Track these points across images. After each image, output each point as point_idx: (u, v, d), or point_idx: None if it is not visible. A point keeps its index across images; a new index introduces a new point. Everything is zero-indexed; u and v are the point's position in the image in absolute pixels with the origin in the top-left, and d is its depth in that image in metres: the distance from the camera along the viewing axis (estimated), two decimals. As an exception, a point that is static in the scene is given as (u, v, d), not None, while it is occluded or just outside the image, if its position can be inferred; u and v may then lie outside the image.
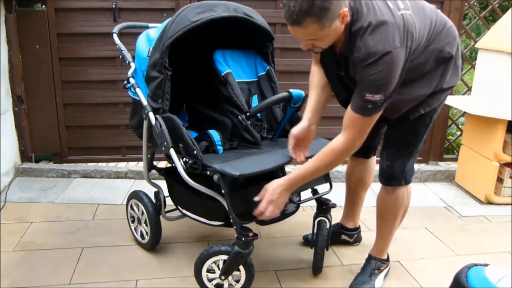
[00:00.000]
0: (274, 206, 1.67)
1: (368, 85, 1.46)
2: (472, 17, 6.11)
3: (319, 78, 1.84)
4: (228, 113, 2.00)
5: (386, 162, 1.82)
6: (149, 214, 2.08)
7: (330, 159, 1.62)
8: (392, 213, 1.89)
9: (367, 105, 1.48)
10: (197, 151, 1.71)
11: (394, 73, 1.45)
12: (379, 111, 1.52)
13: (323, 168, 1.66)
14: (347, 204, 2.25)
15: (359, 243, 2.32)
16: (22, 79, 3.04)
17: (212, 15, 1.83)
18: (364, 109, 1.50)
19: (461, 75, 1.77)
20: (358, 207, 2.24)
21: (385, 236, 1.96)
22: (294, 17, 1.39)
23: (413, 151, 1.80)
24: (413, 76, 1.60)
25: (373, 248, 2.01)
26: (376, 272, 1.96)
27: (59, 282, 1.94)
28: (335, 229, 2.26)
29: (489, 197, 2.87)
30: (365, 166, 2.12)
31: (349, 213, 2.25)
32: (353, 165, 2.14)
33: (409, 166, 1.81)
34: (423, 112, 1.70)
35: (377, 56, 1.42)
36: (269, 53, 2.16)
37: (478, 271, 1.33)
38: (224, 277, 1.76)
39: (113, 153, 3.28)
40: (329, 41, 1.51)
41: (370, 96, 1.46)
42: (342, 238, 2.29)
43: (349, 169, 2.17)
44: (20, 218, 2.52)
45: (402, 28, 1.44)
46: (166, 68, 1.79)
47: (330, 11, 1.38)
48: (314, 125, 1.84)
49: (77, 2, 2.97)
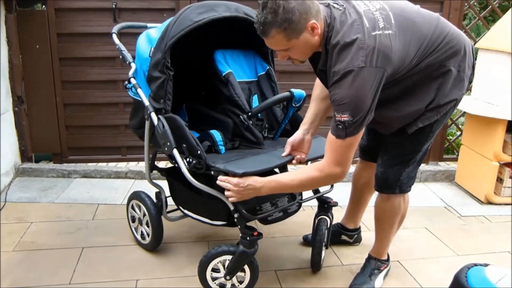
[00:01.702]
0: (236, 193, 1.62)
1: (335, 104, 1.45)
2: (472, 17, 6.11)
3: (320, 90, 1.83)
4: (229, 113, 2.00)
5: (380, 169, 1.80)
6: (151, 216, 2.08)
7: (307, 176, 1.59)
8: (388, 220, 1.88)
9: (337, 125, 1.47)
10: (201, 151, 1.71)
11: (359, 93, 1.42)
12: (352, 134, 1.47)
13: (298, 182, 1.60)
14: (351, 206, 2.24)
15: (359, 243, 2.32)
16: (22, 79, 3.04)
17: (214, 15, 1.84)
18: (336, 129, 1.48)
19: (468, 87, 1.70)
20: (361, 209, 2.23)
21: (383, 240, 1.95)
22: (261, 28, 1.46)
23: (410, 160, 1.74)
24: (403, 93, 1.59)
25: (372, 249, 2.01)
26: (375, 272, 1.96)
27: (59, 282, 1.94)
28: (335, 229, 2.26)
29: (489, 197, 2.88)
30: (373, 170, 2.10)
31: (352, 214, 2.25)
32: (361, 168, 2.12)
33: (405, 175, 1.76)
34: (421, 126, 1.65)
35: (339, 75, 1.42)
36: (268, 53, 2.17)
37: (478, 271, 1.33)
38: (229, 277, 1.77)
39: (113, 153, 3.28)
40: (302, 53, 1.52)
41: (339, 116, 1.45)
42: (342, 238, 2.28)
43: (357, 172, 2.15)
44: (20, 218, 2.52)
45: (371, 48, 1.41)
46: (168, 68, 1.79)
47: (294, 23, 1.41)
48: (309, 135, 1.83)
49: (77, 2, 2.97)
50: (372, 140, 1.98)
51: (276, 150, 1.90)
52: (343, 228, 2.28)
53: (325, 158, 1.55)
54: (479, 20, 3.43)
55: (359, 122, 1.46)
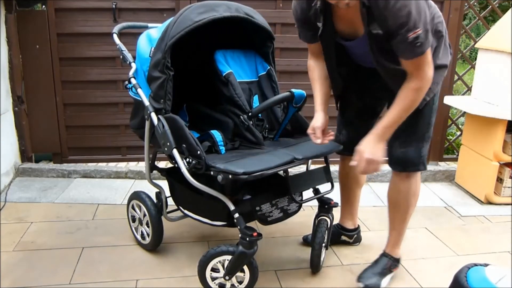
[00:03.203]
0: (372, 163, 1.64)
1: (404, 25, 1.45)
2: (472, 17, 6.12)
3: (319, 71, 1.87)
4: (229, 113, 2.00)
5: (400, 149, 1.83)
6: (152, 216, 2.07)
7: (412, 98, 1.61)
8: (406, 201, 1.90)
9: (415, 44, 1.48)
10: (200, 151, 1.71)
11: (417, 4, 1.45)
12: (428, 45, 1.52)
13: (407, 107, 1.63)
14: (344, 204, 2.25)
15: (359, 243, 2.32)
16: (22, 79, 3.04)
17: (214, 15, 1.83)
18: (414, 48, 1.50)
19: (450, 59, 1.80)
20: (355, 205, 2.25)
21: (398, 226, 1.96)
22: None
23: (425, 135, 1.83)
24: None
25: (387, 245, 2.01)
26: (386, 272, 1.96)
27: (59, 282, 1.94)
28: (335, 229, 2.26)
29: (489, 197, 2.88)
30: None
31: (348, 212, 2.25)
32: (345, 165, 2.12)
33: (424, 151, 1.84)
34: (428, 99, 1.75)
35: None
36: (269, 53, 2.17)
37: (478, 271, 1.33)
38: (228, 277, 1.77)
39: (113, 153, 3.28)
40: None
41: (412, 34, 1.46)
42: (342, 239, 2.29)
43: (343, 169, 2.16)
44: (20, 218, 2.52)
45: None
46: (168, 68, 1.79)
47: None
48: (327, 115, 1.85)
49: (77, 2, 2.97)
50: (354, 131, 2.00)
51: (277, 150, 1.90)
52: (343, 228, 2.28)
53: (413, 78, 1.58)
54: (479, 20, 3.43)
55: (428, 32, 1.50)
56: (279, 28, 3.10)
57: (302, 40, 1.86)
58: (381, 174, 3.20)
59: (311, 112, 1.86)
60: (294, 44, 3.08)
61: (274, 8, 3.08)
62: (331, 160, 2.06)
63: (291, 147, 1.94)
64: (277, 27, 3.09)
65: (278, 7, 3.08)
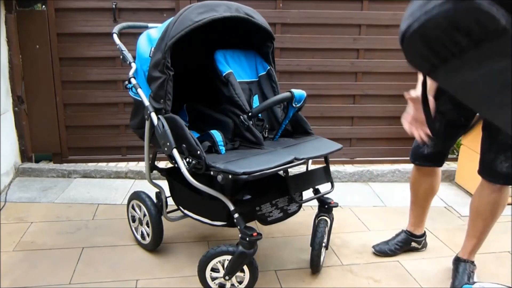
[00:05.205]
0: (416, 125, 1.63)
1: None
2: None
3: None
4: (229, 113, 2.00)
5: (506, 164, 1.78)
6: (152, 216, 2.08)
7: None
8: (494, 212, 1.88)
9: None
10: (200, 151, 1.71)
11: None
12: None
13: None
14: (415, 213, 2.21)
15: (425, 249, 2.30)
16: (22, 79, 3.04)
17: (214, 15, 1.83)
18: None
19: None
20: (427, 213, 2.22)
21: (481, 235, 1.93)
22: None
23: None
24: None
25: (463, 250, 1.98)
26: (472, 275, 1.93)
27: (59, 282, 1.94)
28: (405, 237, 2.23)
29: (489, 197, 2.87)
30: (435, 176, 2.09)
31: (418, 220, 2.22)
32: (420, 175, 2.08)
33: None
34: None
35: None
36: (269, 53, 2.16)
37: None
38: (228, 277, 1.77)
39: (113, 153, 3.28)
40: None
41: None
42: (412, 245, 2.25)
43: (416, 180, 2.11)
44: (20, 218, 2.52)
45: None
46: (168, 68, 1.79)
47: None
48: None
49: (77, 2, 2.97)
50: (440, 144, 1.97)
51: (277, 150, 1.90)
52: (412, 235, 2.24)
53: None
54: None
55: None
56: (279, 28, 3.10)
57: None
58: (381, 174, 3.20)
59: (311, 112, 1.86)
60: (294, 44, 3.08)
61: (274, 8, 3.08)
62: (331, 160, 2.06)
63: (291, 147, 1.94)
64: (277, 27, 3.09)
65: (278, 7, 3.08)
